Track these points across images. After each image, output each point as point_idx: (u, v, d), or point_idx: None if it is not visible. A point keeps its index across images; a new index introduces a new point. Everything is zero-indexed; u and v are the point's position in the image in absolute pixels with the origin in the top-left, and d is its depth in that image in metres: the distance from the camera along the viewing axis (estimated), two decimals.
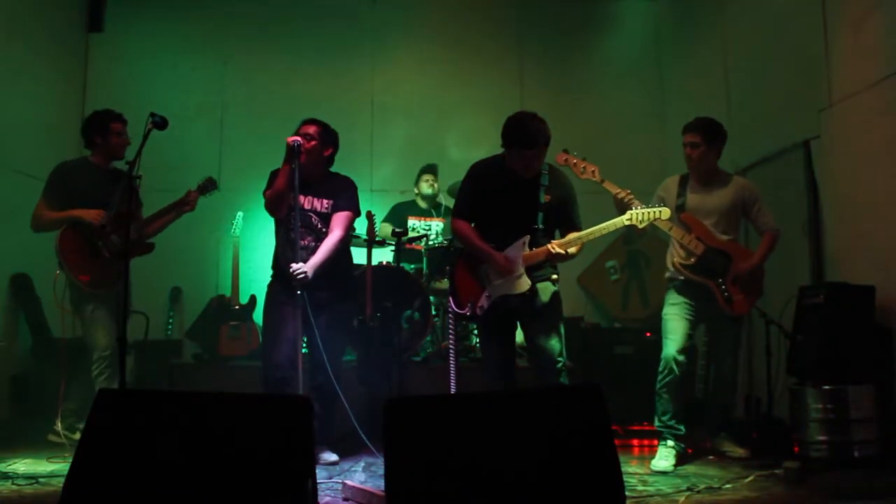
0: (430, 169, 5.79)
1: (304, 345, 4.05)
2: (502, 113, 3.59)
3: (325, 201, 3.97)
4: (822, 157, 4.38)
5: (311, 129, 3.94)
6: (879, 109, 3.87)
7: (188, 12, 6.62)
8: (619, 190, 3.77)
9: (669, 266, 4.18)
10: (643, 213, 3.56)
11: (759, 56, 5.09)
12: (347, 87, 6.58)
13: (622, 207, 3.72)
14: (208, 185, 4.35)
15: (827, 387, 3.56)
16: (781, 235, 4.14)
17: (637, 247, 6.24)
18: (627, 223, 3.56)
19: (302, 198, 3.88)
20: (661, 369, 4.01)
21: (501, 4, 6.88)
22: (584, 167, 3.85)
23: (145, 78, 6.43)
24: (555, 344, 3.56)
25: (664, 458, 3.84)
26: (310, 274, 3.72)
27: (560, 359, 3.56)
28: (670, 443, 3.95)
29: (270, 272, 4.05)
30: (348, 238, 4.07)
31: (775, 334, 4.15)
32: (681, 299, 4.09)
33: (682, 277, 4.08)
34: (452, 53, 6.72)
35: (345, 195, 4.00)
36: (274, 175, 3.89)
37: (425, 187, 5.75)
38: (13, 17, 5.31)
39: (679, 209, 4.07)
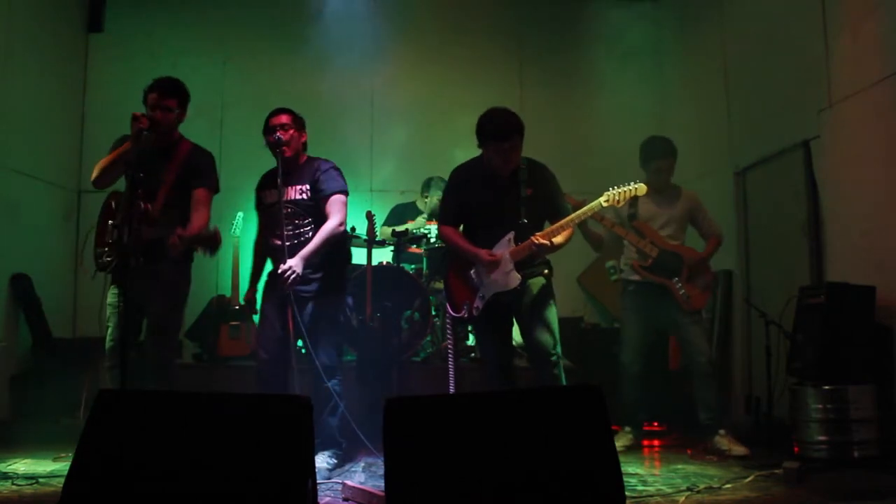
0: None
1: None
2: None
3: (303, 186, 3.84)
4: (822, 157, 4.37)
5: (285, 118, 3.85)
6: (879, 109, 3.87)
7: (188, 12, 6.61)
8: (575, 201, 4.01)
9: (623, 266, 4.54)
10: (619, 193, 3.60)
11: (759, 56, 5.09)
12: (347, 87, 6.57)
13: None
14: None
15: (827, 387, 3.56)
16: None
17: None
18: (605, 204, 3.60)
19: (288, 189, 3.85)
20: (620, 373, 4.45)
21: (501, 5, 6.88)
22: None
23: (145, 78, 6.37)
24: (548, 337, 3.56)
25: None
26: (298, 268, 3.64)
27: (554, 351, 3.56)
28: (627, 428, 4.44)
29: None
30: (345, 224, 3.90)
31: (775, 334, 4.16)
32: (635, 306, 4.47)
33: (638, 278, 4.41)
34: (452, 54, 6.71)
35: (326, 177, 3.84)
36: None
37: (435, 201, 5.70)
38: (13, 18, 5.31)
39: (631, 218, 4.42)
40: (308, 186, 3.86)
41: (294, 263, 3.65)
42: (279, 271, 3.65)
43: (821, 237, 4.41)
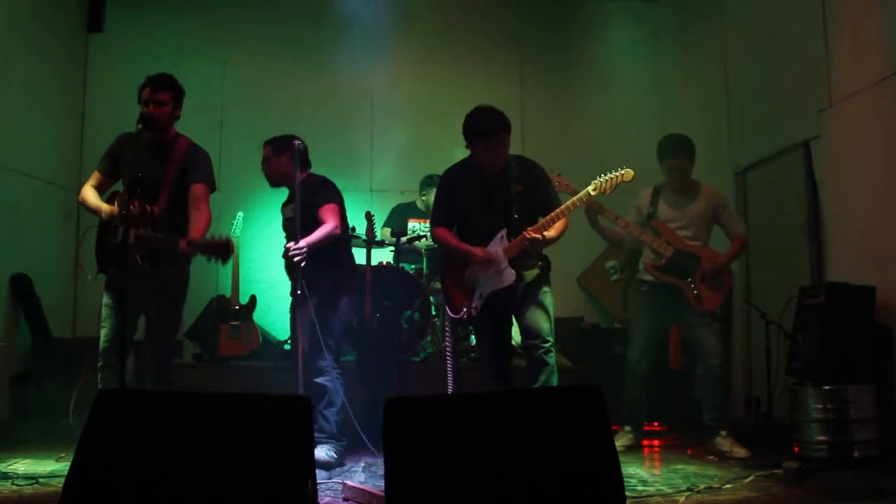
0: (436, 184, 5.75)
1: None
2: None
3: (293, 206, 3.99)
4: (822, 157, 4.37)
5: (266, 151, 4.12)
6: (879, 109, 3.87)
7: (188, 12, 6.62)
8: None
9: (640, 267, 4.48)
10: (606, 181, 3.59)
11: (759, 56, 5.09)
12: (347, 87, 6.57)
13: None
14: None
15: (827, 387, 3.55)
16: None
17: (637, 247, 6.26)
18: (593, 193, 3.60)
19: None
20: (626, 370, 4.44)
21: (501, 5, 6.88)
22: (558, 181, 4.07)
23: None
24: (542, 322, 3.56)
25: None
26: (305, 247, 3.73)
27: (549, 338, 3.55)
28: (627, 428, 4.41)
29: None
30: (343, 230, 4.07)
31: (775, 334, 4.16)
32: (647, 305, 4.41)
33: (650, 278, 4.36)
34: (452, 54, 6.71)
35: (317, 194, 4.01)
36: None
37: (432, 199, 5.71)
38: (13, 18, 5.31)
39: (650, 217, 4.39)
40: (296, 205, 3.97)
41: (301, 241, 3.74)
42: (286, 246, 3.76)
43: (821, 237, 4.40)
